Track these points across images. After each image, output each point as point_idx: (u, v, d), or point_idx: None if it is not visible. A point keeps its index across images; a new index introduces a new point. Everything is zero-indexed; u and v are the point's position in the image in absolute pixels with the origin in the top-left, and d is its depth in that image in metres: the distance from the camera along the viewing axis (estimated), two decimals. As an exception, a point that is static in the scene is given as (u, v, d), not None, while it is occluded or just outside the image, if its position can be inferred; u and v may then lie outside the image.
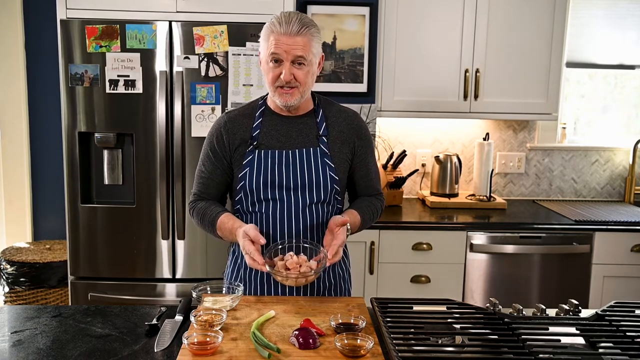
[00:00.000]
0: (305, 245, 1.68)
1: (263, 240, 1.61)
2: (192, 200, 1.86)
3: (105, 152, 2.66)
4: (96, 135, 2.61)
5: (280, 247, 1.67)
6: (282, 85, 1.69)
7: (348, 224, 1.69)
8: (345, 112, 1.85)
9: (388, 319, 1.49)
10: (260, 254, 1.60)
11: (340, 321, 1.46)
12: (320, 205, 1.77)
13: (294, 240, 1.69)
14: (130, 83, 2.56)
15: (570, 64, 3.45)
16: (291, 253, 1.65)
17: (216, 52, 2.57)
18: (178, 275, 2.70)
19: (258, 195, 1.75)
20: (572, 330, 1.48)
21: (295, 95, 1.71)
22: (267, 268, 1.58)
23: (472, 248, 2.84)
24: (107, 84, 2.56)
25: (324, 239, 1.70)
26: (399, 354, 1.28)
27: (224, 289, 1.67)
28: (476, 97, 3.06)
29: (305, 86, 1.71)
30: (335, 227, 1.66)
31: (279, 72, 1.68)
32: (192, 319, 1.44)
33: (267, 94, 1.82)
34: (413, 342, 1.40)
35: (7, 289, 2.95)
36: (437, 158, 3.25)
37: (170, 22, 2.56)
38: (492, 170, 3.23)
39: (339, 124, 1.82)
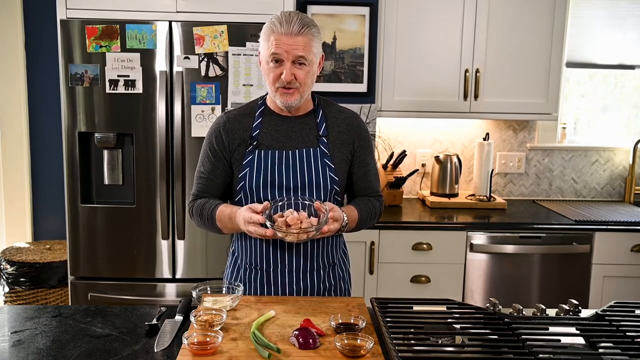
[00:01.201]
0: (305, 202, 1.66)
1: (267, 204, 1.61)
2: (191, 200, 1.85)
3: (105, 152, 2.66)
4: (96, 135, 2.61)
5: (280, 204, 1.65)
6: (283, 85, 1.69)
7: (345, 216, 1.69)
8: (345, 113, 1.85)
9: (388, 319, 1.49)
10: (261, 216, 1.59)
11: (340, 321, 1.46)
12: None
13: (292, 198, 1.68)
14: (130, 83, 2.57)
15: (570, 64, 3.45)
16: (291, 210, 1.63)
17: (216, 52, 2.57)
18: (178, 275, 2.70)
19: (258, 196, 1.75)
20: (572, 330, 1.48)
21: (295, 95, 1.71)
22: (268, 224, 1.56)
23: (472, 248, 2.84)
24: (107, 84, 2.56)
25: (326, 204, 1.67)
26: (399, 354, 1.28)
27: (224, 289, 1.67)
28: (476, 97, 3.06)
29: (305, 86, 1.71)
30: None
31: (280, 72, 1.67)
32: (192, 319, 1.44)
33: (267, 94, 1.82)
34: (413, 342, 1.40)
35: (7, 289, 2.95)
36: (437, 158, 3.25)
37: (170, 22, 2.56)
38: (492, 170, 3.23)
39: (339, 125, 1.82)
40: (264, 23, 1.73)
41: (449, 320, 1.52)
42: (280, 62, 1.67)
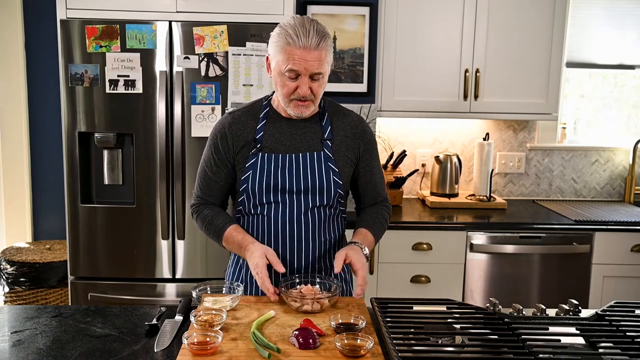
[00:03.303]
0: (317, 279, 1.69)
1: (283, 269, 1.63)
2: (195, 203, 1.85)
3: (105, 152, 2.66)
4: (96, 135, 2.61)
5: (292, 281, 1.68)
6: (298, 98, 1.66)
7: (362, 245, 1.72)
8: (350, 117, 1.83)
9: (388, 319, 1.49)
10: (270, 280, 1.61)
11: (340, 321, 1.46)
12: (323, 209, 1.76)
13: (302, 276, 1.70)
14: (130, 83, 2.57)
15: (570, 64, 3.45)
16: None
17: (216, 52, 2.57)
18: (178, 275, 2.70)
19: (260, 198, 1.74)
20: (572, 330, 1.48)
21: (310, 107, 1.70)
22: (275, 296, 1.60)
23: (472, 248, 2.84)
24: (107, 84, 2.56)
25: (335, 258, 1.67)
26: (399, 354, 1.28)
27: (224, 289, 1.67)
28: (476, 97, 3.06)
29: (319, 96, 1.70)
30: (341, 262, 1.65)
31: (296, 86, 1.64)
32: (192, 319, 1.44)
33: (272, 94, 1.81)
34: (413, 342, 1.40)
35: (7, 289, 2.95)
36: (437, 158, 3.25)
37: (170, 22, 2.56)
38: (492, 170, 3.23)
39: (344, 128, 1.80)
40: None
41: (449, 320, 1.52)
42: (296, 77, 1.64)
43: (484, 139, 3.25)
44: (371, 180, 1.87)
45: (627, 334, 1.44)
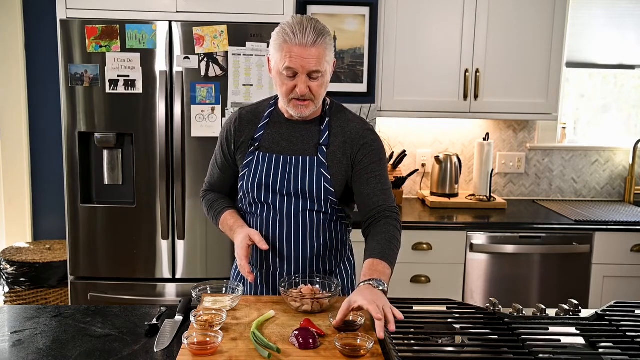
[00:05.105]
0: (318, 279, 1.69)
1: (266, 246, 1.65)
2: (203, 189, 1.95)
3: (105, 152, 2.66)
4: (96, 135, 2.61)
5: (293, 280, 1.68)
6: (297, 97, 1.65)
7: (376, 282, 1.51)
8: (353, 123, 1.77)
9: (388, 319, 1.49)
10: (248, 263, 1.63)
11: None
12: (316, 214, 1.74)
13: (302, 276, 1.70)
14: (130, 83, 2.57)
15: (570, 64, 3.45)
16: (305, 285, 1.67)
17: (216, 52, 2.57)
18: (178, 275, 2.70)
19: (253, 197, 1.75)
20: (572, 330, 1.48)
21: (309, 106, 1.68)
22: (281, 290, 1.61)
23: (472, 248, 2.84)
24: (107, 84, 2.56)
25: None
26: (399, 354, 1.28)
27: (224, 289, 1.67)
28: (476, 97, 3.06)
29: (319, 97, 1.68)
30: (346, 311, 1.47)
31: (294, 85, 1.63)
32: (192, 319, 1.44)
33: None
34: (413, 342, 1.40)
35: (7, 289, 2.95)
36: (437, 158, 3.25)
37: (170, 22, 2.56)
38: (492, 170, 3.23)
39: (343, 135, 1.75)
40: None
41: (449, 320, 1.52)
42: (294, 75, 1.62)
43: (484, 139, 3.25)
44: (368, 188, 1.73)
45: (627, 334, 1.44)
